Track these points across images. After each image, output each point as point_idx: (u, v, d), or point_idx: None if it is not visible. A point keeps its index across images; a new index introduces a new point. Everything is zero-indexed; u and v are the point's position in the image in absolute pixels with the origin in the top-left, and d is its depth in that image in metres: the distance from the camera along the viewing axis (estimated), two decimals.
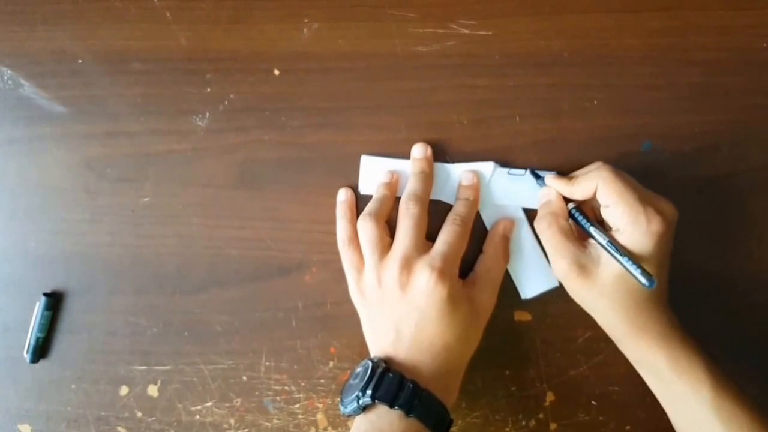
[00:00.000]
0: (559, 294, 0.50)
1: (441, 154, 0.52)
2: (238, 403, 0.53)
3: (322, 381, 0.53)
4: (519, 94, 0.52)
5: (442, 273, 0.46)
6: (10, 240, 0.53)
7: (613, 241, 0.44)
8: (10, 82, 0.53)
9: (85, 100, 0.52)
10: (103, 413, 0.53)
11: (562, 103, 0.51)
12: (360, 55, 0.52)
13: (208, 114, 0.52)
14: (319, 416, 0.53)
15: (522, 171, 0.51)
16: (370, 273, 0.49)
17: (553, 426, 0.52)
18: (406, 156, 0.51)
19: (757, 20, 0.51)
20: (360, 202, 0.52)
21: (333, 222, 0.52)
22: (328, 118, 0.52)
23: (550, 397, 0.52)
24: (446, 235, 0.49)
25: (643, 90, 0.51)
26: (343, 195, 0.52)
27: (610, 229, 0.46)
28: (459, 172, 0.51)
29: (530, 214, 0.51)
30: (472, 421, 0.53)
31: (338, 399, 0.52)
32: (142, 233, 0.53)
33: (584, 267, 0.45)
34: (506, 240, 0.51)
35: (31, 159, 0.53)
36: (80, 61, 0.52)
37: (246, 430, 0.53)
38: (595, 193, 0.46)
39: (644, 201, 0.44)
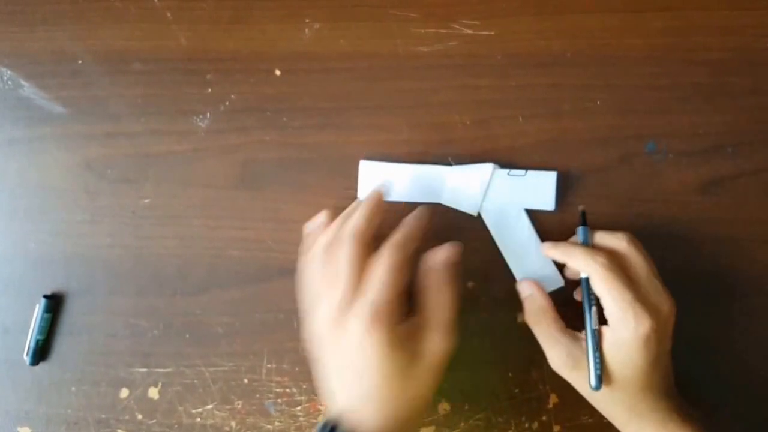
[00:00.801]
0: (561, 296, 0.50)
1: (443, 154, 0.51)
2: (239, 406, 0.53)
3: None
4: (521, 95, 0.51)
5: (376, 323, 0.41)
6: (10, 241, 0.53)
7: (595, 332, 0.45)
8: (10, 83, 0.53)
9: (85, 101, 0.52)
10: (103, 416, 0.53)
11: (565, 104, 0.51)
12: (361, 56, 0.52)
13: (208, 114, 0.52)
14: (321, 419, 0.53)
15: (522, 171, 0.50)
16: (318, 325, 0.44)
17: (556, 428, 0.52)
18: (408, 158, 0.51)
19: (761, 20, 0.51)
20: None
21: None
22: (330, 119, 0.52)
23: (553, 399, 0.52)
24: (378, 274, 0.43)
25: (646, 90, 0.51)
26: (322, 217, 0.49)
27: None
28: (458, 174, 0.51)
29: (532, 215, 0.51)
30: (475, 424, 0.52)
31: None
32: (143, 234, 0.53)
33: (578, 359, 0.45)
34: (448, 269, 0.45)
35: (31, 159, 0.53)
36: (80, 62, 0.52)
37: None
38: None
39: (635, 299, 0.43)
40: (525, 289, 0.49)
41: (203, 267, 0.52)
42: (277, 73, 0.52)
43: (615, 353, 0.44)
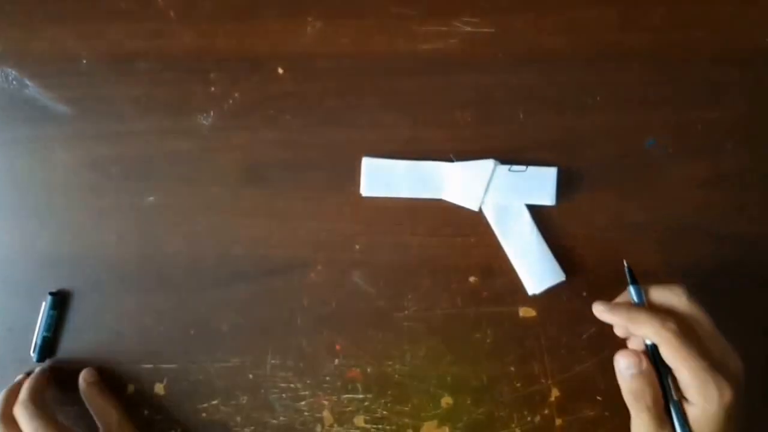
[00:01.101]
0: (564, 290, 0.50)
1: (444, 152, 0.51)
2: (244, 401, 0.53)
3: (327, 378, 0.53)
4: (522, 91, 0.52)
5: None
6: (16, 240, 0.53)
7: (680, 413, 0.42)
8: (14, 83, 0.53)
9: (90, 100, 0.53)
10: None
11: (566, 100, 0.51)
12: (363, 53, 0.52)
13: (212, 113, 0.52)
14: (325, 413, 0.53)
15: (523, 167, 0.51)
16: None
17: (558, 422, 0.52)
18: (410, 155, 0.51)
19: (762, 15, 0.51)
20: (376, 199, 0.52)
21: (338, 220, 0.52)
22: (332, 116, 0.52)
23: (555, 393, 0.52)
24: None
25: (646, 86, 0.51)
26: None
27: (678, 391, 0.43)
28: (459, 170, 0.51)
29: (533, 210, 0.51)
30: (477, 418, 0.53)
31: (344, 396, 0.52)
32: (148, 232, 0.53)
33: None
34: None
35: (36, 159, 0.53)
36: (84, 61, 0.52)
37: (252, 427, 0.53)
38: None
39: (712, 368, 0.40)
40: (628, 366, 0.44)
41: (208, 264, 0.53)
42: (280, 71, 0.52)
43: (700, 429, 0.41)
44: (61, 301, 0.53)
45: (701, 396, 0.40)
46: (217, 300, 0.53)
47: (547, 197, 0.51)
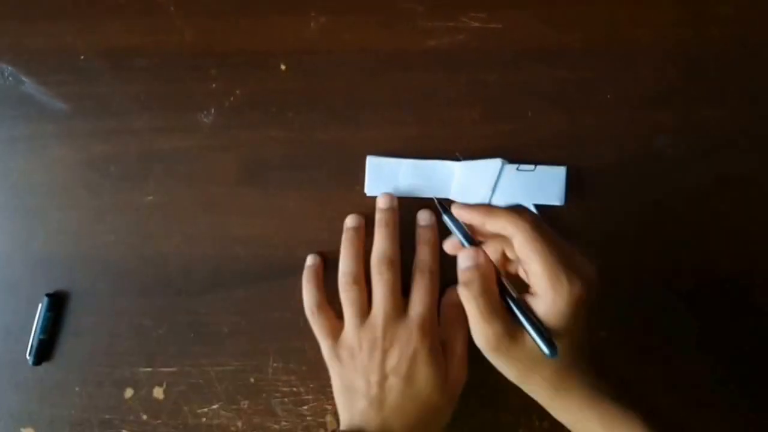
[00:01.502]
0: None
1: (451, 150, 0.51)
2: (246, 406, 0.52)
3: (330, 382, 0.52)
4: (530, 89, 0.51)
5: (424, 337, 0.47)
6: (13, 240, 0.53)
7: (521, 304, 0.42)
8: (11, 79, 0.52)
9: (88, 97, 0.52)
10: (107, 416, 0.53)
11: (575, 97, 0.51)
12: (368, 50, 0.51)
13: (213, 110, 0.51)
14: (329, 418, 0.52)
15: (531, 167, 0.50)
16: (351, 336, 0.48)
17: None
18: (416, 153, 0.51)
19: None
20: (366, 202, 0.51)
21: (341, 219, 0.51)
22: (336, 114, 0.51)
23: None
24: (420, 293, 0.48)
25: (658, 83, 0.50)
26: (311, 260, 0.51)
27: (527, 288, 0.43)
28: (467, 169, 0.50)
29: (542, 210, 0.50)
30: (483, 421, 0.52)
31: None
32: (147, 232, 0.52)
33: (504, 344, 0.42)
34: (459, 308, 0.45)
35: (33, 157, 0.52)
36: (82, 58, 0.52)
37: None
38: (503, 242, 0.43)
39: (564, 262, 0.40)
40: (471, 257, 0.44)
41: (208, 265, 0.52)
42: (283, 67, 0.51)
43: (546, 323, 0.41)
44: (57, 303, 0.52)
45: (551, 288, 0.40)
46: (217, 301, 0.52)
47: (555, 197, 0.50)
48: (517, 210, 0.43)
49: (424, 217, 0.51)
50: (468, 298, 0.43)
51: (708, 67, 0.50)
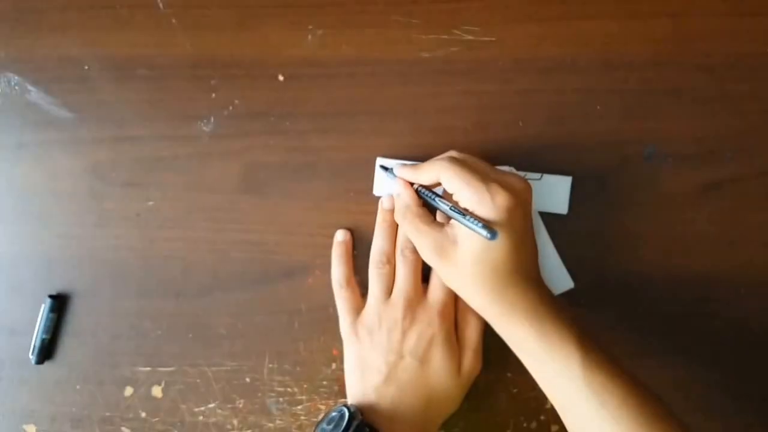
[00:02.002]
0: (562, 297, 0.50)
1: None
2: (241, 405, 0.54)
3: (324, 383, 0.53)
4: (523, 100, 0.52)
5: (442, 321, 0.48)
6: (18, 243, 0.54)
7: (455, 206, 0.43)
8: (17, 88, 0.53)
9: (92, 106, 0.53)
10: (107, 414, 0.54)
11: (566, 109, 0.52)
12: (364, 61, 0.52)
13: (213, 119, 0.52)
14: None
15: (538, 175, 0.51)
16: (372, 314, 0.49)
17: (554, 428, 0.52)
18: (411, 161, 0.52)
19: (763, 26, 0.51)
20: (374, 204, 0.52)
21: (337, 226, 0.52)
22: (333, 124, 0.52)
23: None
24: (441, 279, 0.49)
25: (647, 95, 0.51)
26: (342, 236, 0.52)
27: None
28: None
29: (546, 219, 0.51)
30: (474, 423, 0.53)
31: (341, 401, 0.53)
32: (147, 237, 0.53)
33: (444, 248, 0.44)
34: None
35: (37, 164, 0.53)
36: (86, 67, 0.53)
37: (249, 431, 0.54)
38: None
39: (487, 179, 0.42)
40: (395, 189, 0.49)
41: (207, 269, 0.53)
42: (281, 78, 0.52)
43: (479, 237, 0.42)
44: (60, 304, 0.53)
45: (477, 202, 0.42)
46: (215, 304, 0.53)
47: (560, 206, 0.51)
48: (438, 156, 0.46)
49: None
50: (403, 225, 0.47)
51: (695, 79, 0.51)
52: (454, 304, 0.50)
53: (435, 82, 0.52)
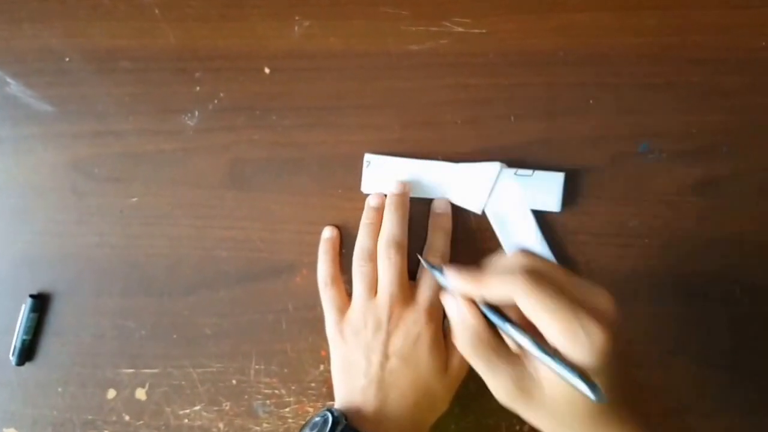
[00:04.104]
0: None
1: (434, 153, 0.51)
2: (227, 407, 0.52)
3: (312, 385, 0.52)
4: (513, 94, 0.51)
5: (429, 321, 0.47)
6: None
7: (537, 341, 0.36)
8: None
9: (73, 99, 0.52)
10: (90, 417, 0.53)
11: (558, 103, 0.51)
12: (352, 54, 0.51)
13: (197, 113, 0.52)
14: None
15: (529, 171, 0.50)
16: (358, 313, 0.48)
17: None
18: (399, 156, 0.51)
19: (757, 19, 0.50)
20: (362, 201, 0.51)
21: (324, 223, 0.51)
22: (320, 118, 0.51)
23: None
24: (430, 278, 0.49)
25: (640, 89, 0.51)
26: (329, 232, 0.51)
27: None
28: (464, 172, 0.50)
29: (539, 216, 0.50)
30: (465, 426, 0.52)
31: (330, 403, 0.51)
32: (131, 234, 0.52)
33: (526, 389, 0.37)
34: None
35: (17, 159, 0.52)
36: (68, 60, 0.52)
37: None
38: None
39: (576, 307, 0.35)
40: (451, 309, 0.39)
41: (191, 267, 0.52)
42: (267, 71, 0.51)
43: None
44: (41, 304, 0.52)
45: (570, 345, 0.34)
46: (200, 303, 0.52)
47: (552, 203, 0.50)
48: (508, 270, 0.37)
49: (439, 204, 0.51)
50: (470, 357, 0.38)
51: (689, 72, 0.51)
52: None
53: (424, 76, 0.51)
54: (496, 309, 0.38)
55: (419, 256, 0.47)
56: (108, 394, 0.53)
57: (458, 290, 0.39)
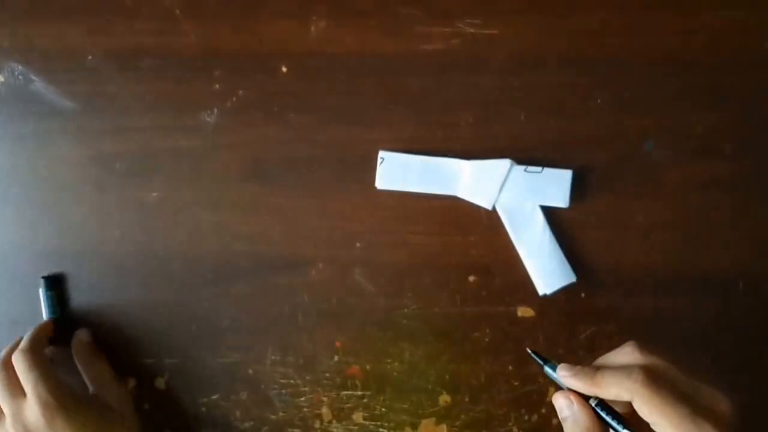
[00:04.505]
0: (562, 290, 0.51)
1: (446, 150, 0.52)
2: (244, 396, 0.54)
3: (327, 375, 0.53)
4: (524, 93, 0.52)
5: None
6: (20, 234, 0.54)
7: None
8: (21, 77, 0.53)
9: (95, 96, 0.53)
10: None
11: (567, 102, 0.52)
12: (366, 53, 0.52)
13: (216, 110, 0.53)
14: (324, 410, 0.54)
15: (539, 168, 0.51)
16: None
17: (555, 421, 0.53)
18: (413, 154, 0.52)
19: (760, 20, 0.51)
20: (377, 197, 0.52)
21: (340, 218, 0.52)
22: (335, 115, 0.52)
23: (552, 392, 0.52)
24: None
25: (647, 90, 0.51)
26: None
27: None
28: (475, 169, 0.51)
29: (547, 211, 0.51)
30: (475, 416, 0.53)
31: (344, 392, 0.53)
32: (151, 228, 0.53)
33: None
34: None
35: (41, 154, 0.53)
36: (90, 58, 0.53)
37: (252, 422, 0.54)
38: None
39: (697, 417, 0.34)
40: (563, 409, 0.40)
41: (210, 261, 0.53)
42: (284, 69, 0.52)
43: None
44: (55, 283, 0.53)
45: None
46: (218, 296, 0.53)
47: (561, 199, 0.51)
48: (625, 370, 0.37)
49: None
50: None
51: (695, 73, 0.51)
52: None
53: (437, 75, 0.52)
54: (606, 404, 0.38)
55: (528, 350, 0.45)
56: (129, 383, 0.54)
57: (570, 385, 0.39)
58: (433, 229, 0.52)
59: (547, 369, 0.42)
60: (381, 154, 0.52)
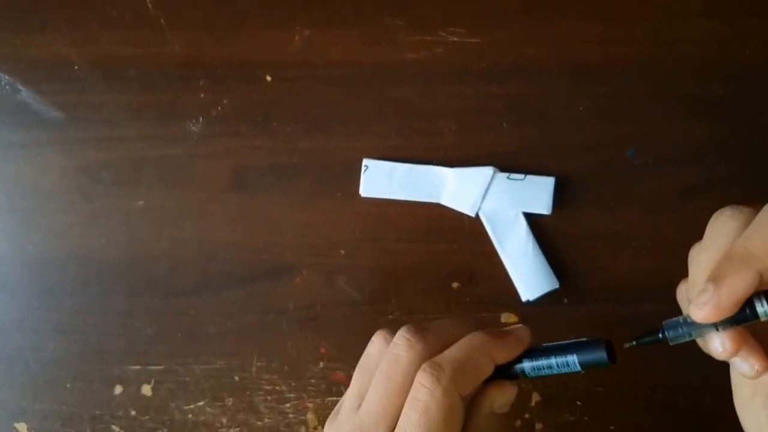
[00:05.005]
0: (545, 297, 0.51)
1: (430, 158, 0.52)
2: (230, 403, 0.54)
3: (312, 381, 0.54)
4: (506, 102, 0.52)
5: None
6: (7, 243, 0.54)
7: None
8: (7, 87, 0.53)
9: (81, 106, 0.53)
10: (97, 412, 0.54)
11: (549, 111, 0.52)
12: (351, 63, 0.53)
13: (201, 119, 0.53)
14: (309, 416, 0.54)
15: (521, 176, 0.51)
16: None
17: (539, 426, 0.53)
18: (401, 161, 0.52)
19: (743, 30, 0.51)
20: (361, 205, 0.53)
21: (324, 226, 0.53)
22: (319, 125, 0.53)
23: (535, 397, 0.53)
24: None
25: (629, 98, 0.52)
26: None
27: None
28: (459, 176, 0.52)
29: (530, 218, 0.52)
30: None
31: (329, 398, 0.53)
32: (136, 236, 0.54)
33: None
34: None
35: (27, 163, 0.54)
36: (76, 68, 0.53)
37: (237, 428, 0.54)
38: None
39: None
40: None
41: (195, 269, 0.53)
42: (268, 79, 0.53)
43: None
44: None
45: None
46: (203, 303, 0.54)
47: (543, 206, 0.52)
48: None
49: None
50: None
51: (676, 81, 0.52)
52: None
53: (419, 84, 0.52)
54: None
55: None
56: (115, 389, 0.54)
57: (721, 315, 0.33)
58: (416, 237, 0.53)
59: (677, 333, 0.35)
60: (365, 162, 0.52)
